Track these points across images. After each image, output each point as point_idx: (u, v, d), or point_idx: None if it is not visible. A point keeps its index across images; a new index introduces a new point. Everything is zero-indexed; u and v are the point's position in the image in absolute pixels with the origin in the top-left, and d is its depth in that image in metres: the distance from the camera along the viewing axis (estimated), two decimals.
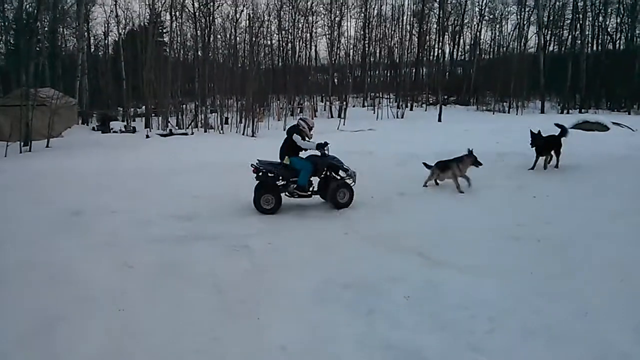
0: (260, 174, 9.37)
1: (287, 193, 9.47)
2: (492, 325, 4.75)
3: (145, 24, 36.70)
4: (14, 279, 5.84)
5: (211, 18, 37.05)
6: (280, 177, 9.42)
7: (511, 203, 9.33)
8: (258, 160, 9.54)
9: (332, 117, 37.17)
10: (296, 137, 9.49)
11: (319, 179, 9.80)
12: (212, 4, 36.56)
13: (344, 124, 29.39)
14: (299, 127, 9.75)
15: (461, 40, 50.72)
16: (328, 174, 9.69)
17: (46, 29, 32.17)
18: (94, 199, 9.92)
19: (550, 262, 6.29)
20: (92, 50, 42.50)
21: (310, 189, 9.64)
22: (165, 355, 4.28)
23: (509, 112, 39.14)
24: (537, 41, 41.59)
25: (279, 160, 9.61)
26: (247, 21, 38.73)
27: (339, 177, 9.66)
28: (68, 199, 9.89)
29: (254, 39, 36.36)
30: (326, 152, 9.66)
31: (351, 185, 9.51)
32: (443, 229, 7.70)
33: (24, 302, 5.20)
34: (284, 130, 10.49)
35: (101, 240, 7.36)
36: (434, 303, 5.19)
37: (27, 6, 27.89)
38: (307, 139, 9.71)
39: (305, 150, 9.70)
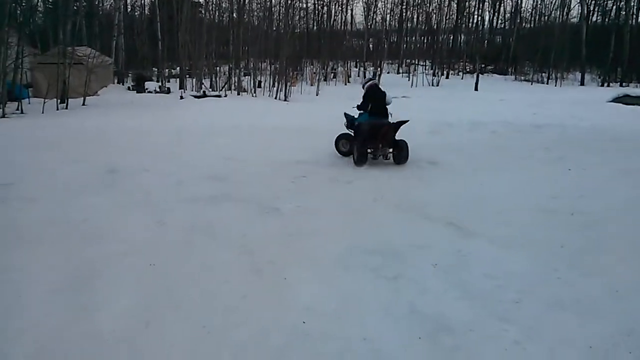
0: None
1: None
2: (519, 296, 4.71)
3: None
4: (49, 235, 5.98)
5: None
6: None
7: (546, 175, 9.17)
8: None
9: None
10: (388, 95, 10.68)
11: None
12: None
13: None
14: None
15: (501, 8, 49.51)
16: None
17: None
18: (128, 157, 10.08)
19: (582, 236, 6.17)
20: (129, 10, 42.66)
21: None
22: (195, 311, 4.36)
23: (547, 83, 38.25)
24: (579, 11, 40.42)
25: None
26: None
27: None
28: (103, 157, 10.06)
29: (289, 1, 35.96)
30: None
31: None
32: (474, 200, 7.63)
33: (58, 258, 5.32)
34: (317, 95, 10.56)
35: (135, 199, 7.50)
36: (461, 272, 5.17)
37: None
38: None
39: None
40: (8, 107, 17.87)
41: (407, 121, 10.31)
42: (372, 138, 9.99)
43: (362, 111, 10.49)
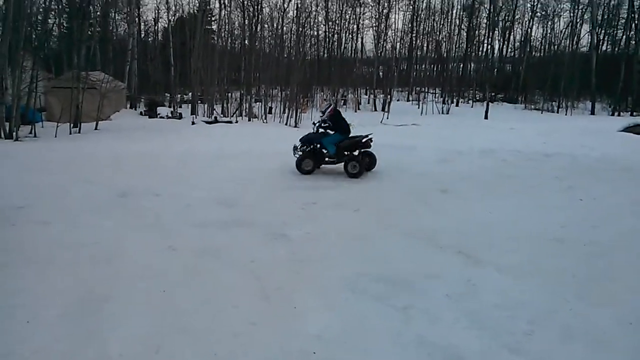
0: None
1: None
2: (531, 327, 4.67)
3: (195, 11, 37.19)
4: (60, 258, 6.02)
5: (259, 7, 37.36)
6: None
7: (556, 204, 9.12)
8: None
9: (375, 110, 37.05)
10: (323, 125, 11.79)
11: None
12: None
13: (387, 118, 29.26)
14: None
15: (511, 37, 49.73)
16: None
17: (98, 13, 32.91)
18: (140, 181, 10.15)
19: (593, 266, 6.13)
20: (142, 36, 43.26)
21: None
22: (204, 337, 4.36)
23: (557, 112, 38.29)
24: (589, 40, 40.50)
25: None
26: (295, 11, 38.84)
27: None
28: (114, 180, 10.14)
29: (300, 29, 36.40)
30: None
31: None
32: (484, 228, 7.60)
33: (70, 281, 5.35)
34: None
35: (145, 222, 7.54)
36: (472, 301, 5.13)
37: None
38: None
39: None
40: (21, 131, 18.10)
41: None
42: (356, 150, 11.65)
43: (333, 131, 11.71)
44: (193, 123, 24.92)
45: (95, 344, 4.21)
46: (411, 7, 46.92)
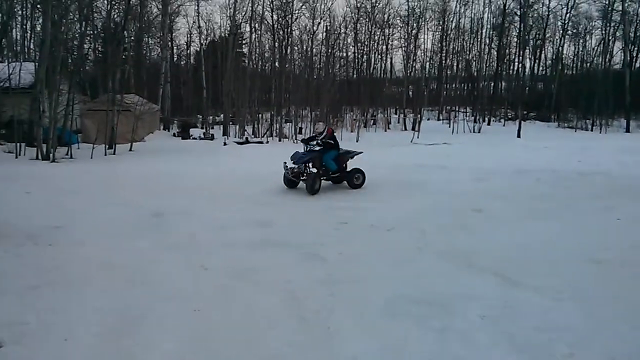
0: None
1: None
2: (571, 350, 4.53)
3: (226, 35, 37.83)
4: (96, 278, 6.07)
5: (289, 30, 37.84)
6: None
7: (594, 224, 8.93)
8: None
9: (405, 129, 36.97)
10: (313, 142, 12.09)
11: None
12: (290, 16, 37.32)
13: (417, 137, 29.16)
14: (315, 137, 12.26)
15: (542, 55, 49.29)
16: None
17: (132, 38, 33.67)
18: (173, 202, 10.26)
19: (634, 288, 5.95)
20: (175, 59, 44.13)
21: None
22: (238, 358, 4.34)
23: (592, 130, 37.68)
24: (622, 57, 39.88)
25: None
26: (324, 33, 39.21)
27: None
28: (148, 201, 10.26)
29: (330, 51, 36.67)
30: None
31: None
32: (521, 249, 7.46)
33: (104, 301, 5.39)
34: (357, 141, 11.03)
35: (179, 242, 7.58)
36: (510, 324, 5.01)
37: (115, 16, 29.29)
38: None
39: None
40: (58, 152, 18.49)
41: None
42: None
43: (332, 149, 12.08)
44: (225, 144, 25.22)
45: None
46: (440, 27, 47.00)
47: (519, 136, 31.13)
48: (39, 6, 25.22)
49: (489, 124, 41.04)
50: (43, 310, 5.09)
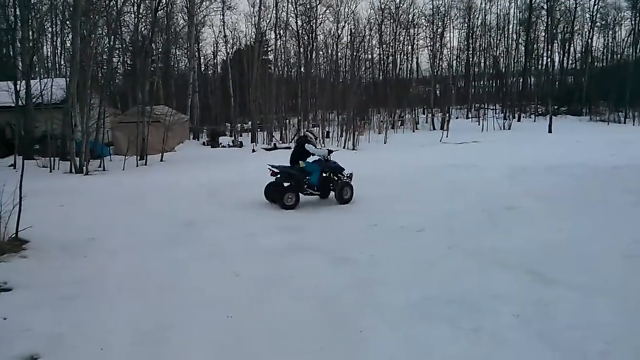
0: (279, 176, 10.89)
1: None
2: (606, 347, 4.45)
3: (252, 43, 38.10)
4: (130, 287, 6.17)
5: (314, 35, 37.93)
6: (294, 177, 10.90)
7: (628, 219, 8.74)
8: (270, 165, 11.10)
9: (434, 129, 36.70)
10: (309, 146, 11.08)
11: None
12: (314, 21, 37.44)
13: (446, 136, 28.93)
14: (308, 138, 11.38)
15: (571, 48, 48.44)
16: (331, 175, 11.27)
17: (160, 50, 34.14)
18: (204, 210, 10.36)
19: None
20: (202, 69, 44.61)
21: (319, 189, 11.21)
22: None
23: (624, 123, 36.89)
24: None
25: (288, 164, 11.24)
26: (349, 36, 39.21)
27: (339, 178, 11.24)
28: (180, 210, 10.38)
29: (355, 53, 36.66)
30: (329, 158, 11.30)
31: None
32: (553, 245, 7.34)
33: (138, 310, 5.47)
34: (385, 143, 10.78)
35: (210, 250, 7.65)
36: (543, 322, 4.95)
37: (142, 29, 29.74)
38: (317, 146, 11.53)
39: (313, 155, 11.24)
40: (91, 165, 18.82)
41: None
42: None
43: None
44: (253, 150, 25.39)
45: None
46: (466, 24, 46.60)
47: (550, 131, 30.69)
48: (68, 22, 25.77)
49: (519, 120, 40.50)
50: (78, 320, 5.20)
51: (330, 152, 11.49)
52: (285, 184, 10.95)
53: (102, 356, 4.53)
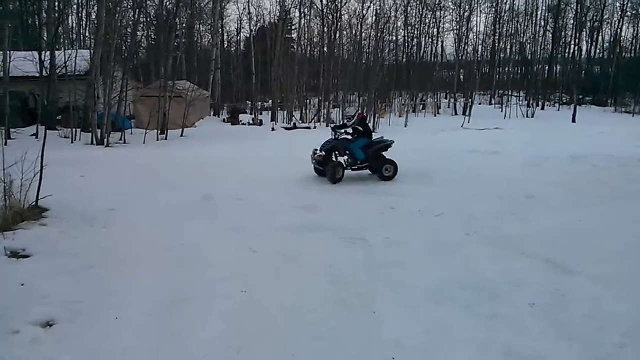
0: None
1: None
2: (624, 339, 4.40)
3: (275, 20, 37.90)
4: (147, 259, 6.23)
5: (338, 14, 37.55)
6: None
7: None
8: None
9: (456, 114, 36.34)
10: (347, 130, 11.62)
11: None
12: (339, 0, 37.02)
13: (468, 122, 28.64)
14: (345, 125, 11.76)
15: (599, 37, 47.48)
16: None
17: (184, 25, 34.13)
18: (223, 186, 10.39)
19: None
20: (225, 46, 44.54)
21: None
22: (283, 339, 4.38)
23: None
24: None
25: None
26: (374, 17, 38.79)
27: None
28: (199, 184, 10.42)
29: (379, 35, 36.29)
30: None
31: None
32: (575, 235, 7.24)
33: (155, 282, 5.53)
34: (405, 126, 10.68)
35: (228, 225, 7.69)
36: (560, 311, 4.90)
37: (167, 3, 29.74)
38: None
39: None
40: (112, 137, 18.98)
41: None
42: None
43: (357, 136, 11.57)
44: (273, 129, 25.40)
45: (180, 344, 4.31)
46: (493, 9, 45.83)
47: (573, 121, 30.23)
48: None
49: (542, 108, 39.93)
50: (96, 289, 5.26)
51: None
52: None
53: (116, 325, 4.58)
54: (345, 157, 11.52)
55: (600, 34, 47.55)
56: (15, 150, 7.99)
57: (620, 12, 44.79)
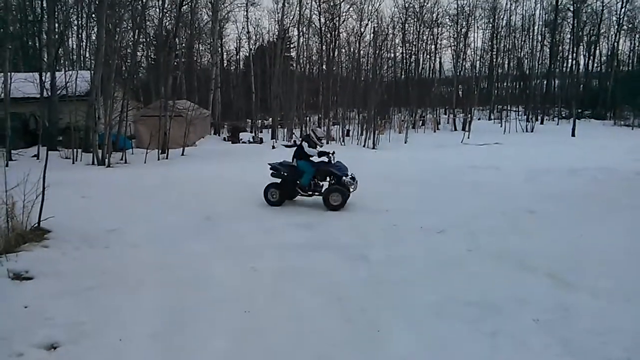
0: (273, 171, 10.91)
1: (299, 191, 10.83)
2: (627, 354, 4.39)
3: (274, 39, 38.20)
4: (150, 280, 6.22)
5: (336, 33, 37.87)
6: (285, 175, 10.78)
7: None
8: (270, 163, 11.17)
9: (455, 130, 36.46)
10: (304, 144, 10.87)
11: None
12: (337, 18, 37.37)
13: (468, 137, 28.72)
14: (310, 137, 11.03)
15: (597, 51, 47.75)
16: (329, 178, 10.75)
17: (184, 45, 34.34)
18: (224, 205, 10.40)
19: None
20: (225, 65, 44.80)
21: (310, 190, 10.79)
22: (288, 357, 4.38)
23: None
24: None
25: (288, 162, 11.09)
26: (372, 35, 39.07)
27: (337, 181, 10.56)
28: (200, 204, 10.43)
29: (377, 52, 36.52)
30: (331, 160, 10.74)
31: (350, 190, 10.46)
32: (575, 250, 7.24)
33: (157, 302, 5.52)
34: (405, 142, 10.61)
35: (229, 245, 7.71)
36: (563, 327, 4.89)
37: (167, 24, 29.96)
38: (317, 147, 10.90)
39: (311, 156, 10.87)
40: (113, 158, 19.01)
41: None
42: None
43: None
44: (273, 147, 25.46)
45: None
46: (490, 25, 46.21)
47: (573, 135, 30.32)
48: (93, 15, 26.04)
49: (542, 123, 40.08)
50: (99, 311, 5.25)
51: (325, 153, 10.81)
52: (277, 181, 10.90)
53: (120, 347, 4.57)
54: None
55: (598, 47, 47.88)
56: (17, 171, 8.02)
57: (617, 26, 45.15)
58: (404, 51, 46.38)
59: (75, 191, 11.38)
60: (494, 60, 46.85)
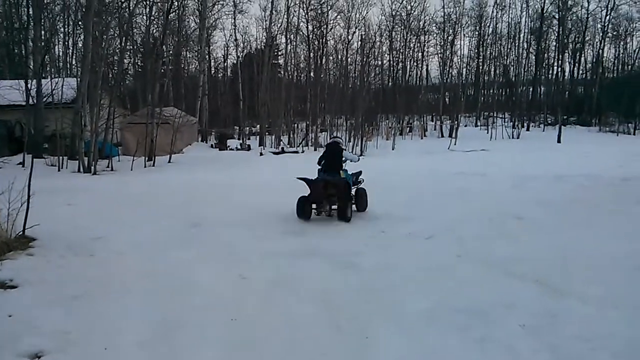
0: (323, 185, 9.93)
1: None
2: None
3: (262, 47, 38.24)
4: (136, 288, 6.15)
5: (324, 40, 38.00)
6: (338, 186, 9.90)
7: (639, 231, 8.66)
8: (301, 177, 10.15)
9: (442, 136, 36.68)
10: (346, 153, 10.58)
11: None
12: (325, 26, 37.51)
13: (455, 144, 28.90)
14: (341, 144, 10.79)
15: (582, 58, 48.30)
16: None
17: (171, 52, 34.27)
18: (211, 211, 10.35)
19: None
20: (212, 72, 44.73)
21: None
22: None
23: (634, 134, 36.73)
24: None
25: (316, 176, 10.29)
26: (359, 42, 39.25)
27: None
28: (187, 211, 10.38)
29: (365, 59, 36.66)
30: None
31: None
32: (564, 256, 7.26)
33: (144, 311, 5.45)
34: (392, 149, 10.63)
35: (217, 252, 7.65)
36: (551, 333, 4.89)
37: (154, 31, 29.89)
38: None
39: (346, 162, 10.46)
40: (99, 165, 18.92)
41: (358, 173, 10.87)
42: (314, 193, 10.07)
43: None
44: (261, 154, 25.45)
45: None
46: (477, 32, 46.60)
47: (559, 141, 30.59)
48: (80, 23, 25.95)
49: (528, 129, 40.41)
50: (84, 319, 5.18)
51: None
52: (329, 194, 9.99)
53: (107, 355, 4.51)
54: None
55: (583, 55, 48.44)
56: (2, 179, 7.92)
57: (601, 34, 45.73)
58: (391, 59, 46.65)
59: (61, 199, 11.30)
60: (480, 67, 47.21)
